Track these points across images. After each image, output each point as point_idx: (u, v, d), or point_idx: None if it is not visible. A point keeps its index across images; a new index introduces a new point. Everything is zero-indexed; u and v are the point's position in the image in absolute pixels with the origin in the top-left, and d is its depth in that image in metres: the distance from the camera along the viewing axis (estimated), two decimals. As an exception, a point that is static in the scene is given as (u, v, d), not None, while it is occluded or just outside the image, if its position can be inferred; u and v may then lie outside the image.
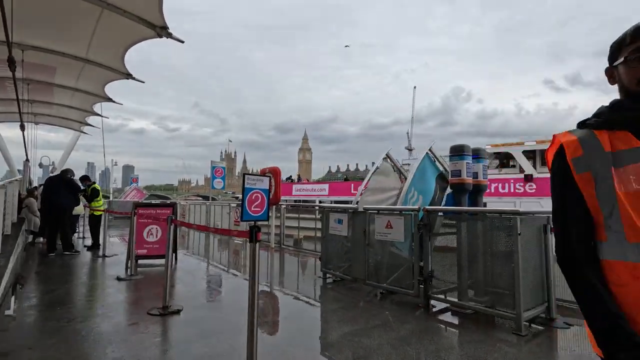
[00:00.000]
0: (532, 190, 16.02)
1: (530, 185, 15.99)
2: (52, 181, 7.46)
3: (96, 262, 6.30)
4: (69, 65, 6.68)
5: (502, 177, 17.14)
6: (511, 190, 16.51)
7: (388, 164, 5.99)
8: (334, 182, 26.02)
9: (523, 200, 15.68)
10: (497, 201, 15.92)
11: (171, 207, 6.00)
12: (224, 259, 7.45)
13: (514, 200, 15.82)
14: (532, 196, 15.74)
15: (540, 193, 15.50)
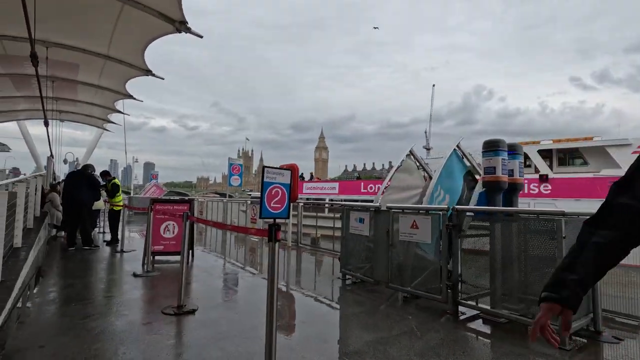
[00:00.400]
0: (547, 191, 15.31)
1: (545, 185, 15.32)
2: (73, 176, 7.55)
3: (114, 258, 6.31)
4: (92, 62, 6.73)
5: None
6: (525, 191, 16.20)
7: (411, 161, 5.71)
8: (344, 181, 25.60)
9: (537, 202, 14.98)
10: None
11: (188, 203, 5.91)
12: (241, 256, 7.34)
13: (528, 201, 15.11)
14: (548, 197, 14.99)
15: (556, 194, 14.84)
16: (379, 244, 4.38)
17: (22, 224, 5.33)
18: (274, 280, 2.01)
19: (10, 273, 4.10)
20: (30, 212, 6.75)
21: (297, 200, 7.84)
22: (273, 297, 1.99)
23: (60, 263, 5.79)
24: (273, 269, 2.01)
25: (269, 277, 2.05)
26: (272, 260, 2.02)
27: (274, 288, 2.01)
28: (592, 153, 16.45)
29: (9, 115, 11.82)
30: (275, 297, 2.00)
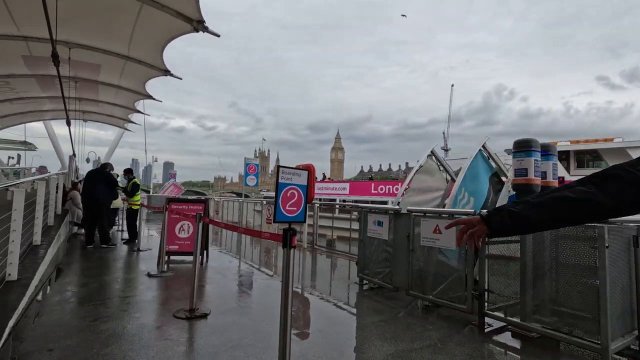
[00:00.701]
0: None
1: None
2: (93, 175, 7.63)
3: (130, 256, 6.32)
4: (112, 62, 6.83)
5: None
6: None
7: (433, 162, 5.45)
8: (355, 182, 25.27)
9: None
10: None
11: (203, 203, 5.85)
12: (256, 257, 7.24)
13: None
14: None
15: None
16: (399, 249, 4.16)
17: (41, 221, 5.40)
18: (289, 289, 1.85)
19: (27, 271, 4.12)
20: (51, 210, 6.87)
21: (312, 201, 7.70)
22: (287, 308, 1.83)
23: (77, 261, 5.84)
24: (287, 276, 1.85)
25: (283, 285, 1.89)
26: (286, 268, 1.86)
27: (288, 297, 1.85)
28: (613, 155, 15.76)
29: (36, 115, 12.19)
30: (289, 307, 1.84)
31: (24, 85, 8.66)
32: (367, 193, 21.14)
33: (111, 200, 7.66)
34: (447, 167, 5.64)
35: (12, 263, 3.76)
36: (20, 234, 3.81)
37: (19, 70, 7.32)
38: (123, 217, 10.68)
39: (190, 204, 5.83)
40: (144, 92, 8.56)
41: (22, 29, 5.55)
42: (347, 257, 7.04)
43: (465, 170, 4.47)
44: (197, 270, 3.36)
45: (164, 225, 5.30)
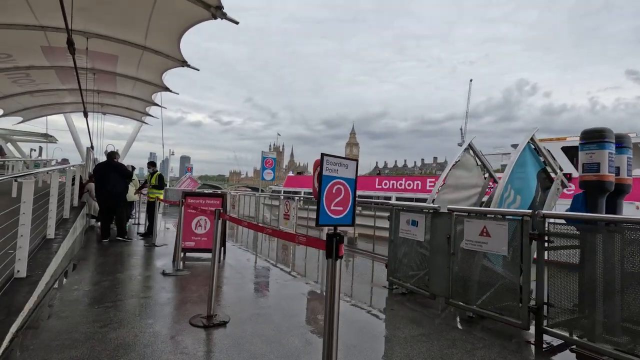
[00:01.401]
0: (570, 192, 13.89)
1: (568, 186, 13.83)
2: (104, 167, 7.33)
3: (145, 252, 6.09)
4: (129, 53, 6.70)
5: None
6: None
7: (470, 157, 4.95)
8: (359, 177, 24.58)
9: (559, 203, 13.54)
10: None
11: (220, 198, 5.54)
12: (274, 254, 6.91)
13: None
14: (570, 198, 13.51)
15: None
16: (437, 252, 3.71)
17: (55, 214, 5.22)
18: (334, 312, 1.46)
19: (38, 267, 3.89)
20: (67, 202, 6.73)
21: None
22: (332, 335, 1.43)
23: (92, 256, 5.63)
24: (333, 297, 1.46)
25: (328, 305, 1.49)
26: (331, 284, 1.47)
27: (334, 323, 1.45)
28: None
29: (56, 108, 12.26)
30: (335, 334, 1.45)
31: (44, 77, 8.49)
32: (371, 188, 20.98)
33: (126, 192, 7.47)
34: (486, 162, 5.13)
35: (20, 259, 3.53)
36: (30, 228, 3.58)
37: (38, 61, 7.18)
38: (138, 210, 10.59)
39: (207, 199, 5.54)
40: (161, 84, 8.38)
41: (40, 19, 5.42)
42: (370, 257, 6.63)
43: (513, 165, 3.97)
44: (215, 273, 3.02)
45: (180, 220, 5.01)
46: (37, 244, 4.67)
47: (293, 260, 6.39)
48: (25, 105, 10.58)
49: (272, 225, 11.02)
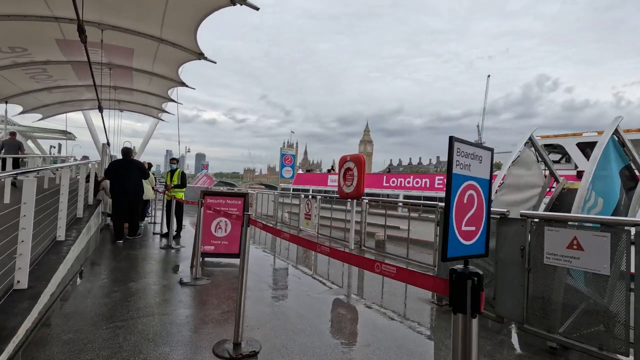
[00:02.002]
0: None
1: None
2: (121, 164, 6.92)
3: (161, 255, 5.64)
4: (145, 46, 6.41)
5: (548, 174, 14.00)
6: None
7: (531, 152, 4.26)
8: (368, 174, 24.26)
9: None
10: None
11: (242, 197, 5.03)
12: (301, 257, 6.39)
13: None
14: None
15: None
16: (506, 266, 3.08)
17: (66, 214, 4.82)
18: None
19: (42, 276, 3.44)
20: (81, 201, 6.37)
21: (362, 195, 6.73)
22: None
23: (104, 260, 5.21)
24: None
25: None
26: (465, 354, 0.89)
27: None
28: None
29: (74, 105, 12.19)
30: None
31: (60, 73, 8.08)
32: (377, 186, 20.65)
33: (143, 190, 7.10)
34: (547, 159, 4.43)
35: (21, 268, 3.07)
36: (31, 233, 3.12)
37: (54, 56, 7.03)
38: (154, 208, 10.26)
39: (228, 199, 5.03)
40: (177, 78, 7.99)
41: (54, 10, 5.24)
42: (404, 262, 6.00)
43: (596, 162, 3.27)
44: (243, 291, 2.49)
45: (199, 222, 4.53)
46: (45, 247, 4.27)
47: (322, 265, 5.83)
48: (44, 102, 10.42)
49: (290, 224, 10.52)
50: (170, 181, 7.27)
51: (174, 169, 7.52)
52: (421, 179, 18.75)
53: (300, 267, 5.56)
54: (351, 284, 4.78)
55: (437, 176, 18.38)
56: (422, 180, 18.71)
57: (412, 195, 18.48)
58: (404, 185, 19.37)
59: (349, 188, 6.79)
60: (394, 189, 19.67)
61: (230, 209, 4.88)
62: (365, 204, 7.06)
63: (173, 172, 7.43)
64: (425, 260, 5.90)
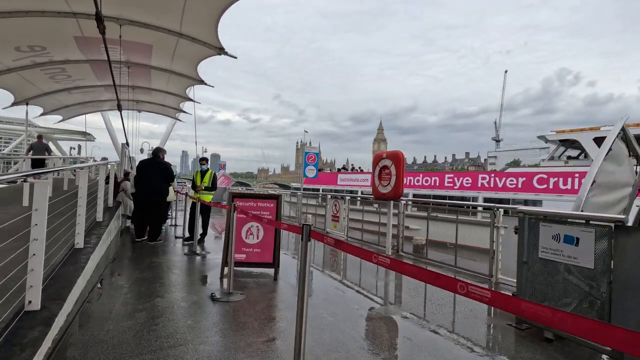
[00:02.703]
0: None
1: None
2: (148, 164, 6.67)
3: (186, 264, 5.18)
4: (164, 41, 6.19)
5: (564, 171, 13.31)
6: (575, 187, 12.90)
7: (623, 145, 3.57)
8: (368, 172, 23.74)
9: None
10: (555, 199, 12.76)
11: (275, 200, 4.50)
12: (351, 272, 5.85)
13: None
14: None
15: None
16: (625, 288, 2.42)
17: (84, 219, 4.42)
18: None
19: (58, 293, 3.01)
20: (100, 204, 6.00)
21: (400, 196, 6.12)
22: None
23: (125, 269, 4.75)
24: None
25: None
26: None
27: None
28: None
29: (94, 106, 12.20)
30: None
31: (79, 72, 7.90)
32: None
33: (167, 194, 6.74)
34: (639, 151, 3.72)
35: (33, 286, 2.63)
36: (44, 245, 2.68)
37: (73, 55, 6.85)
38: (175, 209, 9.90)
39: (259, 201, 4.50)
40: (196, 76, 7.61)
41: (72, 5, 5.11)
42: (451, 271, 5.36)
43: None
44: (303, 326, 1.95)
45: (230, 229, 4.02)
46: (63, 257, 3.86)
47: (364, 275, 5.26)
48: (64, 103, 10.25)
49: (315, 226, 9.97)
50: (201, 182, 6.74)
51: (204, 170, 6.94)
52: (430, 177, 18.57)
53: (347, 281, 4.88)
54: (408, 302, 4.15)
55: (446, 174, 18.09)
56: (432, 179, 18.53)
57: (420, 194, 18.20)
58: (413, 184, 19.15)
59: (385, 188, 6.18)
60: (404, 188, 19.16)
61: (262, 212, 4.35)
62: (403, 205, 6.45)
63: (204, 173, 6.87)
64: (477, 269, 5.25)
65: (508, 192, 14.89)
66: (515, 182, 14.85)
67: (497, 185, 15.39)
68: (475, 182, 16.39)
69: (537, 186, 14.00)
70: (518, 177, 14.76)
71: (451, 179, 17.32)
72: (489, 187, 15.71)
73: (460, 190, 16.62)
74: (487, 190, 15.71)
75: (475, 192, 16.04)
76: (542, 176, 14.02)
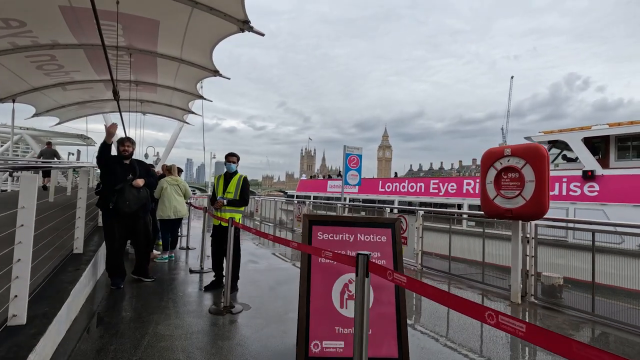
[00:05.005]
0: (592, 193, 11.56)
1: (590, 185, 11.57)
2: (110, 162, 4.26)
3: (218, 340, 3.11)
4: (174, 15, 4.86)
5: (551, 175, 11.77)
6: (563, 193, 12.26)
7: None
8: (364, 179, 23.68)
9: (579, 207, 11.52)
10: None
11: (390, 227, 2.54)
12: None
13: (566, 206, 11.60)
14: (592, 201, 11.41)
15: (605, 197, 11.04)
16: None
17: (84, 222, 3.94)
18: None
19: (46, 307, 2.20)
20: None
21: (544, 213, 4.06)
22: None
23: (103, 354, 2.82)
24: None
25: None
26: None
27: None
28: None
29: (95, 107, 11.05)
30: None
31: (72, 61, 6.53)
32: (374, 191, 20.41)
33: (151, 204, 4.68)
34: None
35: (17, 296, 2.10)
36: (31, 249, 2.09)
37: (62, 36, 5.51)
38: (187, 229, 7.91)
39: (360, 229, 2.50)
40: (210, 65, 6.19)
41: None
42: (631, 333, 3.39)
43: None
44: None
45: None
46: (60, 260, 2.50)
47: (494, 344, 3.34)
48: (60, 102, 8.91)
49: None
50: (224, 192, 4.36)
51: (231, 172, 4.44)
52: (416, 183, 18.23)
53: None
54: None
55: (432, 180, 17.68)
56: (418, 185, 17.97)
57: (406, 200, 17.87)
58: (398, 190, 18.98)
59: (511, 201, 4.07)
60: (388, 195, 19.10)
61: (372, 252, 2.40)
62: (534, 227, 4.28)
63: (229, 179, 4.43)
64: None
65: None
66: None
67: None
68: (460, 188, 15.69)
69: None
70: None
71: (436, 185, 16.79)
72: (474, 194, 14.86)
73: (445, 196, 16.13)
74: (472, 196, 14.94)
75: (460, 199, 15.36)
76: (529, 181, 13.06)
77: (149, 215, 4.58)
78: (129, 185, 4.06)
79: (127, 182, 4.06)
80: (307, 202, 9.51)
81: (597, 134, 12.43)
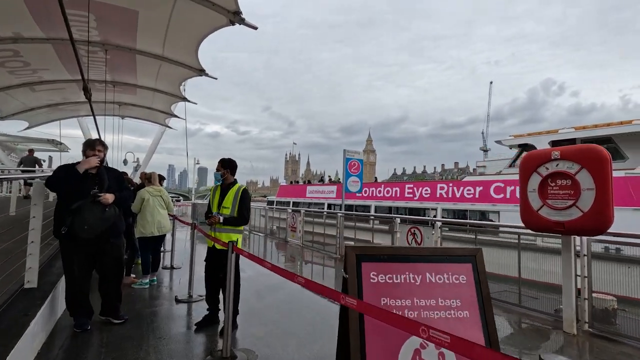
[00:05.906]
0: None
1: None
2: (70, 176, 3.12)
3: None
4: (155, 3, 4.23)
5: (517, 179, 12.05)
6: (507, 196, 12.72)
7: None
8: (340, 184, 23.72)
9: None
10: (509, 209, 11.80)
11: (470, 262, 1.87)
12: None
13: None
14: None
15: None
16: None
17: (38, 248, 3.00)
18: None
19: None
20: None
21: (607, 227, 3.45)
22: None
23: None
24: None
25: None
26: None
27: None
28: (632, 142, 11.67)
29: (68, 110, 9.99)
30: None
31: (40, 58, 5.74)
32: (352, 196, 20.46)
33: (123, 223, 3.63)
34: None
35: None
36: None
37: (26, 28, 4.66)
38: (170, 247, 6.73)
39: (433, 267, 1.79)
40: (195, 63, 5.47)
41: None
42: None
43: None
44: None
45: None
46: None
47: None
48: (28, 104, 7.92)
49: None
50: (219, 208, 3.57)
51: (228, 183, 3.62)
52: (392, 188, 17.86)
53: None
54: None
55: (407, 184, 17.29)
56: (393, 189, 17.68)
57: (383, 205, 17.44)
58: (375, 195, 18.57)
59: (562, 213, 3.42)
60: (365, 200, 18.54)
61: (440, 301, 1.72)
62: (585, 242, 3.66)
63: (225, 191, 3.60)
64: None
65: (465, 203, 13.98)
66: (472, 191, 13.92)
67: (455, 196, 14.53)
68: (434, 192, 15.58)
69: (494, 196, 13.20)
70: (475, 187, 13.85)
71: (411, 189, 16.62)
72: (447, 198, 14.86)
73: (419, 201, 15.98)
74: (445, 200, 14.87)
75: (434, 203, 15.24)
76: (499, 185, 13.09)
77: (121, 238, 3.59)
78: (90, 203, 3.04)
79: (89, 199, 3.04)
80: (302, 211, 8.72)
81: (563, 137, 12.58)
